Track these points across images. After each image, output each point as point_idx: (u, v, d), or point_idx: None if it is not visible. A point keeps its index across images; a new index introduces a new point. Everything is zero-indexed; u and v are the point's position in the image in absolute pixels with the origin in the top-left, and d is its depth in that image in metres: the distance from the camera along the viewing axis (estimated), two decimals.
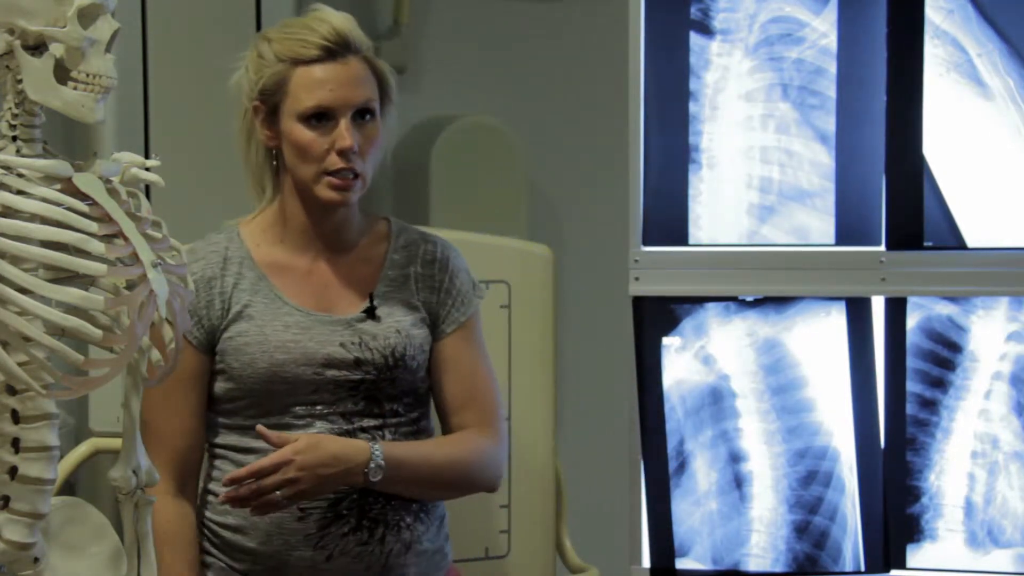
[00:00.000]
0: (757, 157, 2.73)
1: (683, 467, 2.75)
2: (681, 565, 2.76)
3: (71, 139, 2.94)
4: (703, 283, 2.74)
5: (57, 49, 1.69)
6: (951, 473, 2.72)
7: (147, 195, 1.82)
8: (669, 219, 2.73)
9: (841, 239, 2.72)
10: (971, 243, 2.68)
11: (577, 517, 2.97)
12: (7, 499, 1.73)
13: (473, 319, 2.45)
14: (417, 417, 2.40)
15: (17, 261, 1.66)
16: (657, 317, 2.74)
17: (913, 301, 2.71)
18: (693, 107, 2.72)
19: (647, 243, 2.74)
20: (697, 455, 2.75)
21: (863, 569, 2.74)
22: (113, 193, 1.74)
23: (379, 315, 2.37)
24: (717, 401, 2.75)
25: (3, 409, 1.73)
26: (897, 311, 2.71)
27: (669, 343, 2.75)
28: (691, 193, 2.73)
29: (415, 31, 3.78)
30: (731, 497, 2.75)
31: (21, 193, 1.68)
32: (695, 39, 2.72)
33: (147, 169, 1.81)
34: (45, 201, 1.68)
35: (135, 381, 1.86)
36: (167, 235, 1.80)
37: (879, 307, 2.72)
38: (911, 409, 2.71)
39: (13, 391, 1.72)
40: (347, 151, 2.30)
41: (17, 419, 1.73)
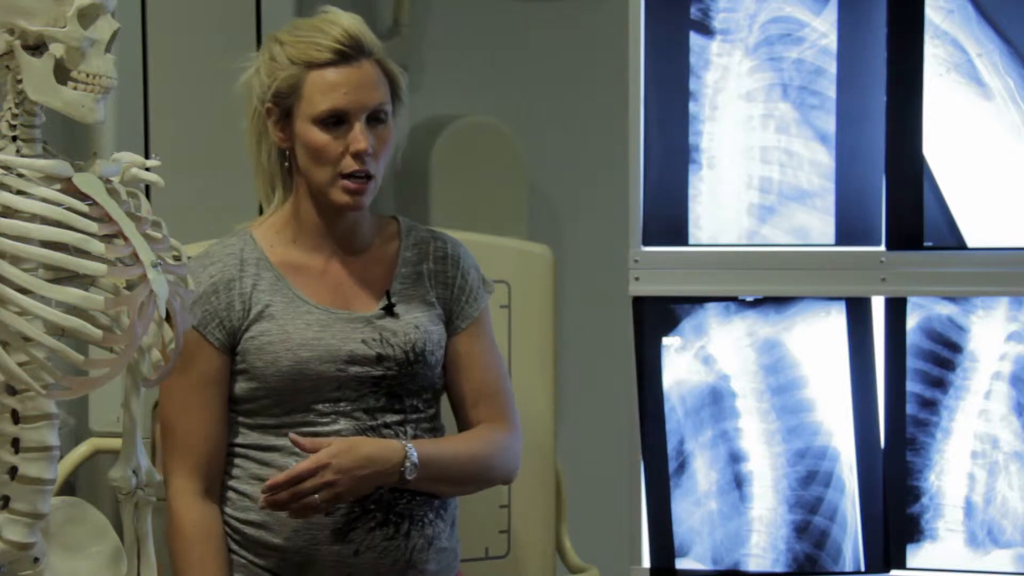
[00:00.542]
0: (757, 157, 2.72)
1: (683, 467, 2.75)
2: (681, 565, 2.76)
3: (71, 139, 2.94)
4: (703, 283, 2.74)
5: (57, 49, 1.69)
6: (951, 473, 2.71)
7: (147, 195, 1.82)
8: (669, 219, 2.73)
9: (841, 239, 2.72)
10: (971, 243, 2.68)
11: (577, 517, 2.96)
12: (7, 499, 1.73)
13: (484, 315, 2.46)
14: (434, 413, 2.42)
15: (17, 261, 1.66)
16: (657, 317, 2.74)
17: (913, 301, 2.70)
18: (693, 107, 2.72)
19: (647, 243, 2.74)
20: (697, 455, 2.75)
21: (863, 569, 2.74)
22: (113, 193, 1.75)
23: (397, 312, 2.37)
24: (717, 401, 2.75)
25: (3, 409, 1.73)
26: (897, 311, 2.71)
27: (669, 343, 2.75)
28: (691, 193, 2.73)
29: (415, 31, 3.78)
30: (731, 497, 2.75)
31: (21, 193, 1.69)
32: (695, 39, 2.72)
33: (147, 169, 1.81)
34: (45, 201, 1.69)
35: (135, 381, 1.86)
36: (167, 235, 1.80)
37: (879, 307, 2.72)
38: (911, 409, 2.71)
39: (13, 391, 1.72)
40: (362, 154, 2.30)
41: (17, 419, 1.73)
